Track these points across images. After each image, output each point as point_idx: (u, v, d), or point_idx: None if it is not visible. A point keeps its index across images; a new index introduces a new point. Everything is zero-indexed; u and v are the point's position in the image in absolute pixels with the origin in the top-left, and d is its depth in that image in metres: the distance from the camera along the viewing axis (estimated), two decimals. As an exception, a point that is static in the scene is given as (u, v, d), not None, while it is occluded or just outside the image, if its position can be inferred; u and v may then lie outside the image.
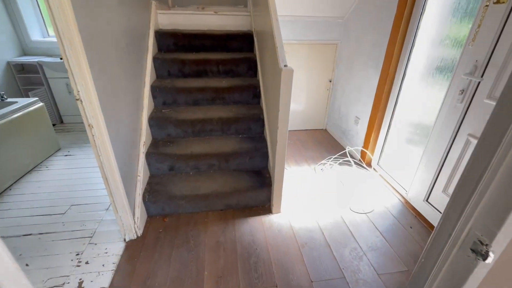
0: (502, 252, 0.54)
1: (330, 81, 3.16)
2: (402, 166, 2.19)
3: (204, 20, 2.69)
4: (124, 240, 1.68)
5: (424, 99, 1.93)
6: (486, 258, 0.52)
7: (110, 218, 1.85)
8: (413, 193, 1.99)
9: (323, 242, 1.71)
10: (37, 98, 2.52)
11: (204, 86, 2.25)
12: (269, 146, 2.06)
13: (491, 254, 0.52)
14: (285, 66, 1.49)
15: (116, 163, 1.47)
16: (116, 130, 1.51)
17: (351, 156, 2.76)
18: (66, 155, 2.66)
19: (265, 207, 2.01)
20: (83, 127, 3.17)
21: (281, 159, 1.75)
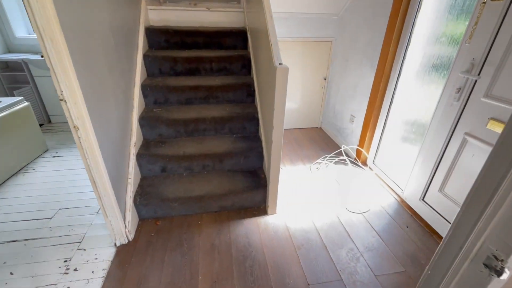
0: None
1: (325, 79, 3.13)
2: (397, 165, 2.18)
3: (196, 17, 2.62)
4: (115, 245, 1.62)
5: (420, 97, 1.91)
6: (501, 275, 0.48)
7: (100, 222, 1.78)
8: (409, 192, 1.98)
9: (319, 243, 1.69)
10: (22, 98, 2.42)
11: (197, 85, 2.19)
12: (264, 145, 2.02)
13: (506, 271, 0.48)
14: (280, 64, 1.45)
15: (105, 166, 1.41)
16: (104, 131, 1.45)
17: (347, 154, 2.74)
18: (54, 156, 2.57)
19: (260, 208, 1.97)
20: (72, 127, 3.07)
21: (276, 159, 1.71)
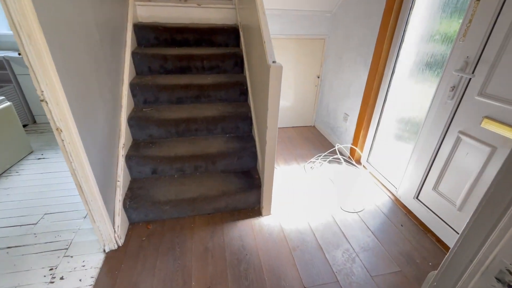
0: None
1: (318, 77, 3.11)
2: (391, 163, 2.17)
3: (186, 13, 2.54)
4: (104, 250, 1.56)
5: (414, 95, 1.91)
6: None
7: (88, 227, 1.71)
8: (403, 190, 1.97)
9: (315, 244, 1.67)
10: (3, 97, 2.30)
11: (188, 83, 2.13)
12: (257, 145, 1.98)
13: None
14: (273, 62, 1.41)
15: (91, 169, 1.34)
16: (90, 132, 1.38)
17: (341, 153, 2.73)
18: (39, 158, 2.46)
19: (254, 210, 1.93)
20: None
21: (270, 160, 1.67)
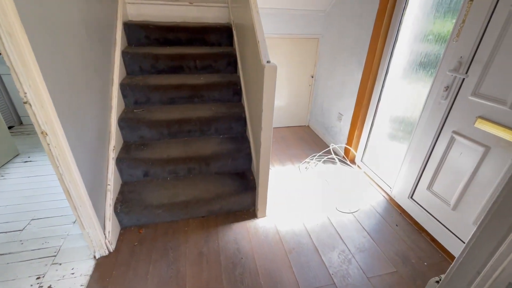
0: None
1: (312, 76, 3.10)
2: (386, 163, 2.18)
3: (178, 12, 2.49)
4: (94, 257, 1.51)
5: (407, 95, 1.91)
6: None
7: (77, 233, 1.65)
8: (397, 190, 1.98)
9: (310, 246, 1.65)
10: (-14, 98, 2.22)
11: (181, 83, 2.08)
12: (252, 146, 1.96)
13: None
14: (268, 62, 1.38)
15: (80, 173, 1.29)
16: (78, 135, 1.33)
17: (335, 153, 2.73)
18: (25, 162, 2.38)
19: (249, 212, 1.90)
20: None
21: (265, 161, 1.65)
